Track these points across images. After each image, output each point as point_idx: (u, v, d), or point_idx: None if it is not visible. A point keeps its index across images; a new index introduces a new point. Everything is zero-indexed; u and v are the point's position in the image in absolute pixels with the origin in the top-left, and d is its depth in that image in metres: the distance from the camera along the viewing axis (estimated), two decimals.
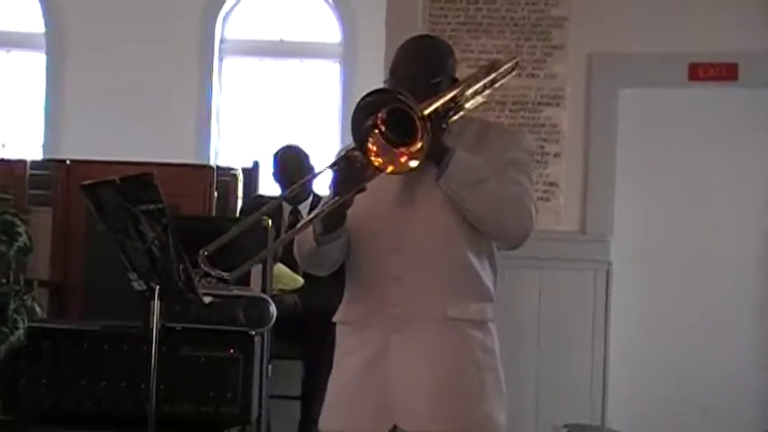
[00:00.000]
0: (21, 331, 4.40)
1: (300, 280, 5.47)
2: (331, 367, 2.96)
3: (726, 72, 5.79)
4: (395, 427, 2.80)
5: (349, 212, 2.72)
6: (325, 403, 2.93)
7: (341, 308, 2.94)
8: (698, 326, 5.85)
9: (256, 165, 7.25)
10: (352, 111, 2.56)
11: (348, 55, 9.93)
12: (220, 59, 10.26)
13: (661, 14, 5.90)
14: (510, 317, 5.67)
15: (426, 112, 2.55)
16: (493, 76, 3.03)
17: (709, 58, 5.81)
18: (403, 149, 2.54)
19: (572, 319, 5.80)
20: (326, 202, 2.74)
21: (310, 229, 2.78)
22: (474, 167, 2.73)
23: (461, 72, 3.05)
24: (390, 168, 2.57)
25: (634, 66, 5.89)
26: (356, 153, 2.61)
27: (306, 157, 5.88)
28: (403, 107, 2.51)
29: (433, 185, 2.74)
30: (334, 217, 2.73)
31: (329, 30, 10.27)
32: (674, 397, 5.78)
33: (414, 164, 2.54)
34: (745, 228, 5.95)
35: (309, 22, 10.34)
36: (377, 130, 2.55)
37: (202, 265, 2.63)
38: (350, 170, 2.64)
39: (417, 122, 2.50)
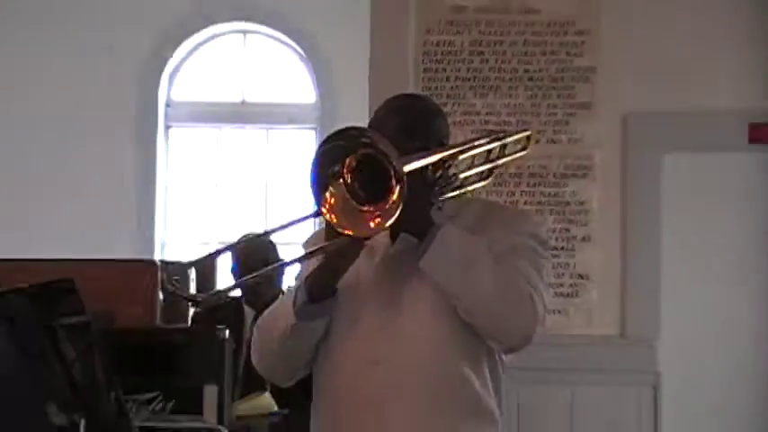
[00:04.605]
0: None
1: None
2: None
3: None
4: None
5: None
6: None
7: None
8: None
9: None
10: (314, 153, 2.37)
11: (326, 119, 9.20)
12: (166, 128, 9.59)
13: (712, 64, 5.48)
14: None
15: (407, 168, 2.36)
16: (497, 144, 2.81)
17: None
18: (369, 208, 2.35)
19: None
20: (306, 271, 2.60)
21: (284, 307, 2.59)
22: (466, 245, 2.53)
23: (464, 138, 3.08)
24: (348, 231, 2.35)
25: (681, 127, 5.47)
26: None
27: (272, 248, 5.37)
28: (378, 156, 2.34)
29: (423, 279, 2.54)
30: (324, 276, 2.52)
31: (301, 89, 9.59)
32: None
33: (379, 224, 2.32)
34: None
35: (277, 81, 9.61)
36: (341, 180, 2.37)
37: None
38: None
39: (392, 175, 2.32)
